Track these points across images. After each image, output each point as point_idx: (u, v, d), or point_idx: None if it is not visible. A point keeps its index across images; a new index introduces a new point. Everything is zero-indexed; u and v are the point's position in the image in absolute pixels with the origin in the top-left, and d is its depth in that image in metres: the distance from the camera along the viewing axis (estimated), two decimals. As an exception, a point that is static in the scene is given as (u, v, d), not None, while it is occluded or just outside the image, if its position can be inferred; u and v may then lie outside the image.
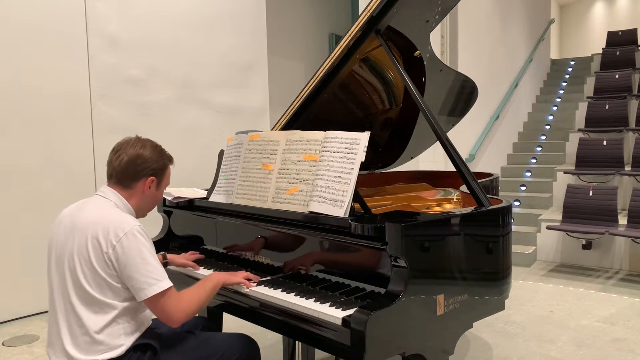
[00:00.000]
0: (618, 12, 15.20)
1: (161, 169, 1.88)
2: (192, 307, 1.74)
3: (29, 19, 3.90)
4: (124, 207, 1.81)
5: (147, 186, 1.85)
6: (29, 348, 3.40)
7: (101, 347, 1.66)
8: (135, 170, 1.82)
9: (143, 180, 1.84)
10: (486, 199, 2.12)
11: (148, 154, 1.84)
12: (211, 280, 1.87)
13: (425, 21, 2.56)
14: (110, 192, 1.82)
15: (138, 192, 1.84)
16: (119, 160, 1.81)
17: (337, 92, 2.75)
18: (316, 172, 1.94)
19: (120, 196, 1.82)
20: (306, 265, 1.96)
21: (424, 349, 1.74)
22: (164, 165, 1.90)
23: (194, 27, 4.98)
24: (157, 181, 1.88)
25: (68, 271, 1.69)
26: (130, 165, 1.81)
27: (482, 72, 7.42)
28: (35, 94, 3.94)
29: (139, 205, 1.87)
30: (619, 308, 4.11)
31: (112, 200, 1.80)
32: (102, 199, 1.80)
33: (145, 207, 1.90)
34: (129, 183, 1.82)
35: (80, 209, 1.77)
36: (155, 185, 1.87)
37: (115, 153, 1.83)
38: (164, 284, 1.67)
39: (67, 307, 1.69)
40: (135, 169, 1.82)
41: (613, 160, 6.14)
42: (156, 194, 1.90)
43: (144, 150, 1.84)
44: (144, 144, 1.86)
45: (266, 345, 3.19)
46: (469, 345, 3.36)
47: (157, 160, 1.86)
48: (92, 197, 1.83)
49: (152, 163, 1.84)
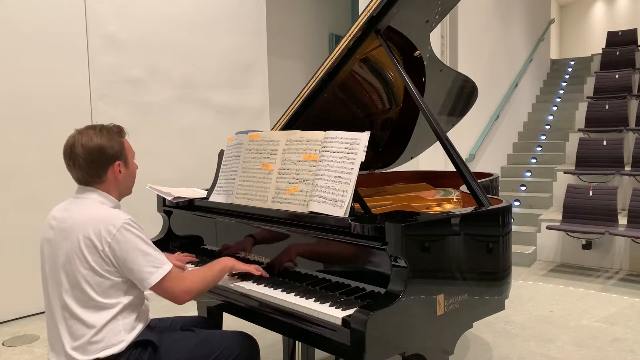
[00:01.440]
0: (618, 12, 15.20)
1: (119, 149, 1.80)
2: (197, 286, 1.77)
3: (29, 19, 3.90)
4: (108, 201, 1.78)
5: (117, 171, 1.80)
6: (29, 348, 3.40)
7: (101, 345, 1.66)
8: (97, 165, 1.75)
9: (110, 168, 1.78)
10: (486, 199, 2.12)
11: (98, 142, 1.74)
12: (220, 262, 1.90)
13: (425, 21, 2.56)
14: (89, 190, 1.78)
15: (111, 181, 1.79)
16: (77, 164, 1.74)
17: (337, 92, 2.75)
18: (316, 172, 1.94)
19: (99, 191, 1.78)
20: (306, 265, 1.96)
21: (424, 349, 1.74)
22: (120, 144, 1.81)
23: (194, 27, 4.98)
24: (123, 162, 1.82)
25: (64, 275, 1.68)
26: (90, 163, 1.74)
27: (482, 72, 7.42)
28: (35, 94, 3.95)
29: (119, 190, 1.84)
30: (619, 308, 4.11)
31: (94, 198, 1.76)
32: (85, 199, 1.76)
33: (125, 188, 1.87)
34: (98, 178, 1.77)
35: (67, 211, 1.74)
36: (123, 166, 1.82)
37: (69, 159, 1.75)
38: (163, 269, 1.69)
39: (64, 310, 1.69)
40: (96, 164, 1.75)
41: (613, 160, 6.14)
42: (129, 171, 1.86)
43: (92, 141, 1.74)
44: (88, 135, 1.75)
45: (266, 345, 3.19)
46: (469, 345, 3.36)
47: (111, 145, 1.77)
48: (75, 199, 1.78)
49: (108, 150, 1.76)
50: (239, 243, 2.24)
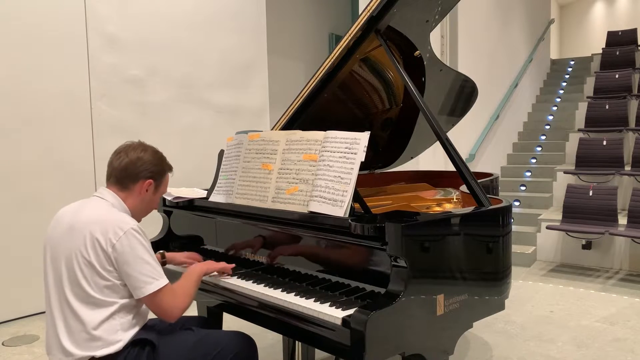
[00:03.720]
0: (618, 12, 15.20)
1: (160, 173, 1.92)
2: (187, 301, 1.81)
3: (29, 18, 3.90)
4: (120, 207, 1.83)
5: (144, 189, 1.88)
6: (29, 348, 3.40)
7: (99, 343, 1.67)
8: (135, 172, 1.85)
9: (141, 182, 1.87)
10: (486, 199, 2.12)
11: (149, 157, 1.89)
12: (195, 272, 1.94)
13: (425, 21, 2.56)
14: (108, 192, 1.85)
15: (135, 194, 1.87)
16: (119, 160, 1.85)
17: (337, 92, 2.74)
18: (316, 172, 1.94)
19: (116, 196, 1.84)
20: (306, 265, 1.96)
21: (424, 349, 1.74)
22: (162, 171, 1.94)
23: (194, 27, 4.98)
24: (154, 185, 1.90)
25: (65, 270, 1.71)
26: (130, 166, 1.85)
27: (482, 72, 7.42)
28: (35, 93, 3.94)
29: (135, 207, 1.89)
30: (619, 308, 4.11)
31: (109, 200, 1.82)
32: (99, 200, 1.83)
33: (140, 210, 1.92)
34: (127, 184, 1.85)
35: (78, 210, 1.79)
36: (152, 188, 1.90)
37: (117, 155, 1.87)
38: (160, 282, 1.71)
39: (64, 305, 1.70)
40: (134, 170, 1.85)
41: (613, 160, 6.14)
42: (153, 198, 1.93)
43: (145, 153, 1.88)
44: (146, 148, 1.91)
45: (266, 345, 3.19)
46: (469, 345, 3.36)
47: (156, 164, 1.91)
48: (90, 199, 1.85)
49: (151, 166, 1.88)
50: (239, 243, 2.24)
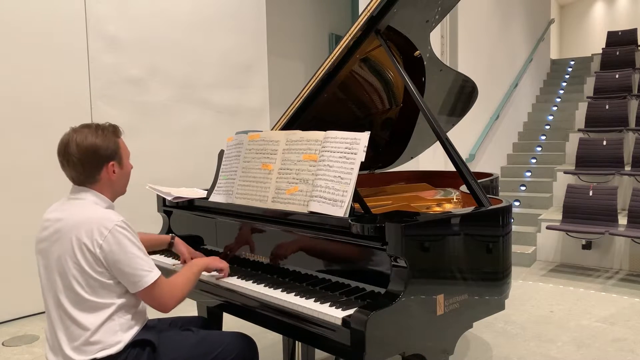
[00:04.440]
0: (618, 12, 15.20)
1: (114, 149, 1.78)
2: (183, 292, 1.80)
3: (29, 19, 3.90)
4: (101, 201, 1.77)
5: (110, 172, 1.78)
6: (29, 348, 3.40)
7: (99, 345, 1.66)
8: (92, 165, 1.74)
9: (104, 168, 1.77)
10: (486, 199, 2.12)
11: (93, 141, 1.72)
12: (196, 265, 1.93)
13: (425, 21, 2.56)
14: (82, 190, 1.76)
15: (105, 181, 1.78)
16: (71, 163, 1.73)
17: (337, 92, 2.74)
18: (316, 172, 1.94)
19: (93, 191, 1.76)
20: (306, 265, 1.96)
21: (424, 349, 1.74)
22: (115, 144, 1.79)
23: (194, 27, 4.98)
24: (117, 162, 1.80)
25: (58, 275, 1.68)
26: (84, 163, 1.72)
27: (482, 72, 7.42)
28: (35, 94, 3.94)
29: (113, 191, 1.82)
30: (619, 308, 4.11)
31: (88, 199, 1.75)
32: (78, 201, 1.75)
33: (120, 188, 1.86)
34: (92, 178, 1.76)
35: (61, 212, 1.73)
36: (117, 166, 1.80)
37: (63, 157, 1.73)
38: (153, 274, 1.69)
39: (60, 311, 1.69)
40: (90, 164, 1.73)
41: (613, 160, 6.14)
42: (123, 172, 1.84)
43: (86, 140, 1.72)
44: (83, 134, 1.73)
45: (266, 345, 3.19)
46: (469, 345, 3.36)
47: (106, 145, 1.75)
48: (69, 200, 1.77)
49: (103, 150, 1.74)
50: (239, 243, 2.24)
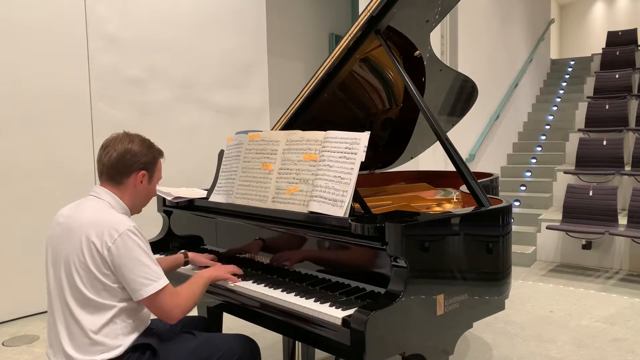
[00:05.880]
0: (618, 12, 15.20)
1: (151, 162, 1.86)
2: (189, 303, 1.78)
3: (29, 18, 3.90)
4: (118, 206, 1.80)
5: (138, 181, 1.83)
6: (29, 348, 3.40)
7: (100, 348, 1.66)
8: (125, 165, 1.80)
9: (134, 175, 1.81)
10: (486, 199, 2.12)
11: (137, 148, 1.82)
12: (203, 277, 1.92)
13: (425, 21, 2.56)
14: (103, 191, 1.80)
15: (130, 188, 1.82)
16: (108, 156, 1.79)
17: (337, 92, 2.75)
18: (316, 172, 1.94)
19: (113, 195, 1.80)
20: (306, 265, 1.96)
21: (424, 349, 1.74)
22: (154, 159, 1.87)
23: (194, 27, 4.98)
24: (148, 175, 1.85)
25: (64, 273, 1.69)
26: (120, 160, 1.79)
27: (482, 72, 7.41)
28: (35, 93, 3.94)
29: (133, 201, 1.85)
30: (619, 308, 4.11)
31: (105, 200, 1.78)
32: (96, 200, 1.78)
33: (139, 202, 1.89)
34: (120, 179, 1.80)
35: (76, 210, 1.76)
36: (146, 179, 1.85)
37: (104, 150, 1.81)
38: (159, 283, 1.67)
39: (64, 309, 1.69)
40: (125, 164, 1.80)
41: (613, 160, 6.14)
42: (149, 188, 1.88)
43: (133, 144, 1.81)
44: (132, 138, 1.83)
45: (266, 345, 3.19)
46: (469, 345, 3.36)
47: (146, 154, 1.84)
48: (86, 198, 1.81)
49: (141, 157, 1.82)
50: (239, 243, 2.24)
